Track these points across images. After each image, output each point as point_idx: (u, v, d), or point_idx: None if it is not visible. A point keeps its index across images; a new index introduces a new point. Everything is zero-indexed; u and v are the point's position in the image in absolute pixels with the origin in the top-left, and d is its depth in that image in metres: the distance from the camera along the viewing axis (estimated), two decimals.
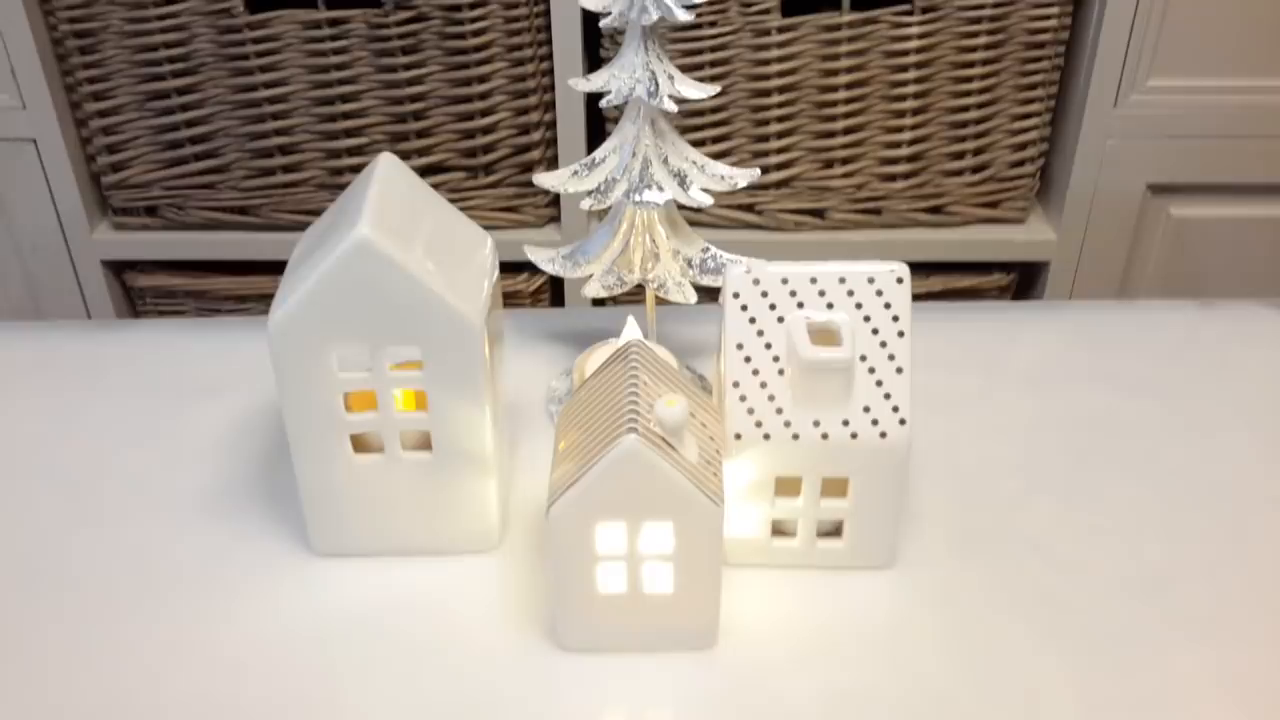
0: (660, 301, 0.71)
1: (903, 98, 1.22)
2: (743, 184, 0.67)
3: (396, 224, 0.55)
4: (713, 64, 1.19)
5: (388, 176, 0.57)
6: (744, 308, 0.57)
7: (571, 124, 1.20)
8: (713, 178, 0.67)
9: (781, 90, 1.21)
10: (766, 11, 1.17)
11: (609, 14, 0.62)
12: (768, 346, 0.57)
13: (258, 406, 0.72)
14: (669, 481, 0.51)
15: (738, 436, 0.57)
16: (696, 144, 1.14)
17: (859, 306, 0.57)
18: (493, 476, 0.60)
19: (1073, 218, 1.27)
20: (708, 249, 0.70)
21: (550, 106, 1.22)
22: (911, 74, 1.21)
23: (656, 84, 0.63)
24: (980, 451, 0.69)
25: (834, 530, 0.61)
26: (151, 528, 0.64)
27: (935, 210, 1.29)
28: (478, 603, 0.60)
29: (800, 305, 0.57)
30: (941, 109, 1.23)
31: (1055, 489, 0.67)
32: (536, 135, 1.23)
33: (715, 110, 1.21)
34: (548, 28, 1.18)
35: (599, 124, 1.23)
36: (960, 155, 1.26)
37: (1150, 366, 0.75)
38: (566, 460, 0.54)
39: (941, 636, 0.59)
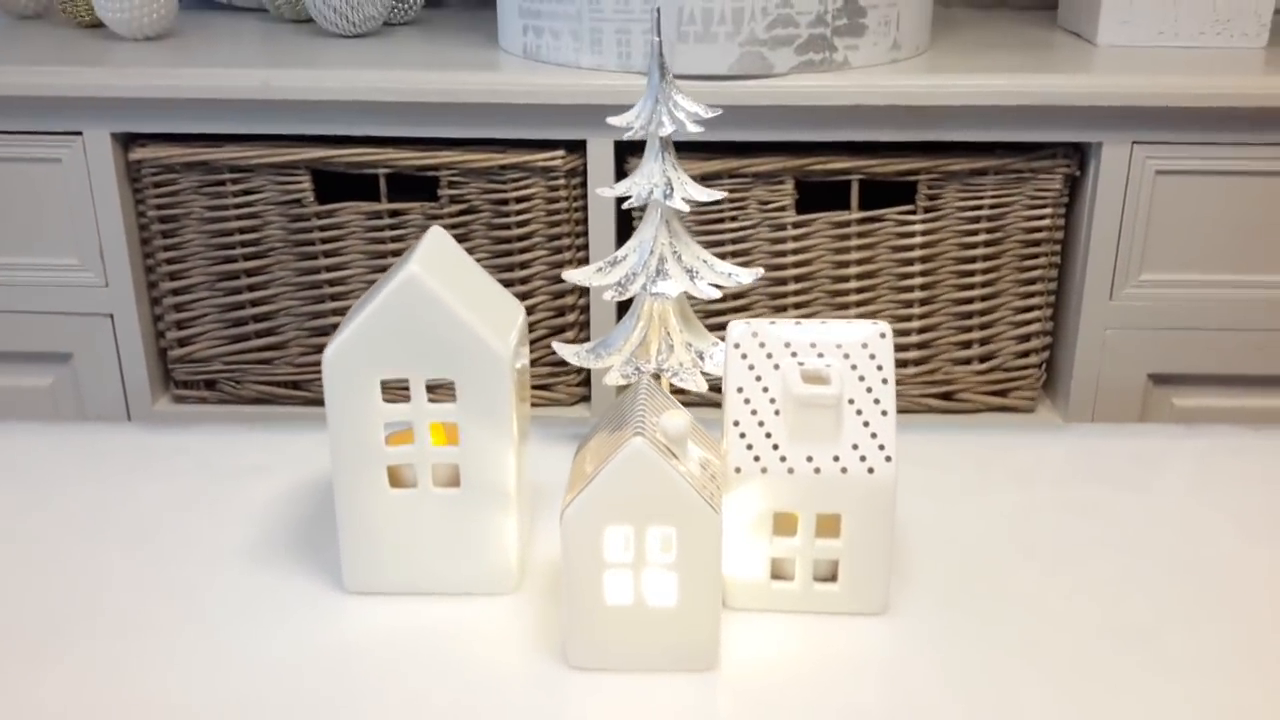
0: (676, 392, 0.78)
1: (910, 289, 1.32)
2: (746, 281, 0.75)
3: (441, 272, 0.63)
4: (734, 254, 1.30)
5: (436, 241, 0.66)
6: (744, 356, 0.64)
7: (604, 309, 1.31)
8: (720, 274, 0.75)
9: (797, 279, 1.31)
10: (783, 209, 1.29)
11: (632, 128, 0.73)
12: (765, 390, 0.64)
13: (302, 482, 0.78)
14: (672, 485, 0.57)
15: (737, 470, 0.62)
16: (718, 326, 1.23)
17: (846, 357, 0.64)
18: (514, 515, 0.65)
19: (1079, 407, 1.34)
20: (717, 343, 0.77)
21: (584, 293, 1.33)
22: (917, 267, 1.31)
23: (671, 188, 0.73)
24: (970, 529, 0.74)
25: (830, 576, 0.65)
26: (194, 571, 0.70)
27: (946, 397, 1.36)
28: (494, 634, 0.64)
29: (794, 354, 0.64)
30: (947, 300, 1.32)
31: (1042, 558, 0.71)
32: (571, 317, 1.33)
33: (737, 296, 1.31)
34: (584, 221, 1.30)
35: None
36: (967, 344, 1.34)
37: (1135, 469, 0.80)
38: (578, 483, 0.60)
39: (937, 674, 0.62)
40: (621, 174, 1.28)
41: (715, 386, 0.74)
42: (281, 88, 1.22)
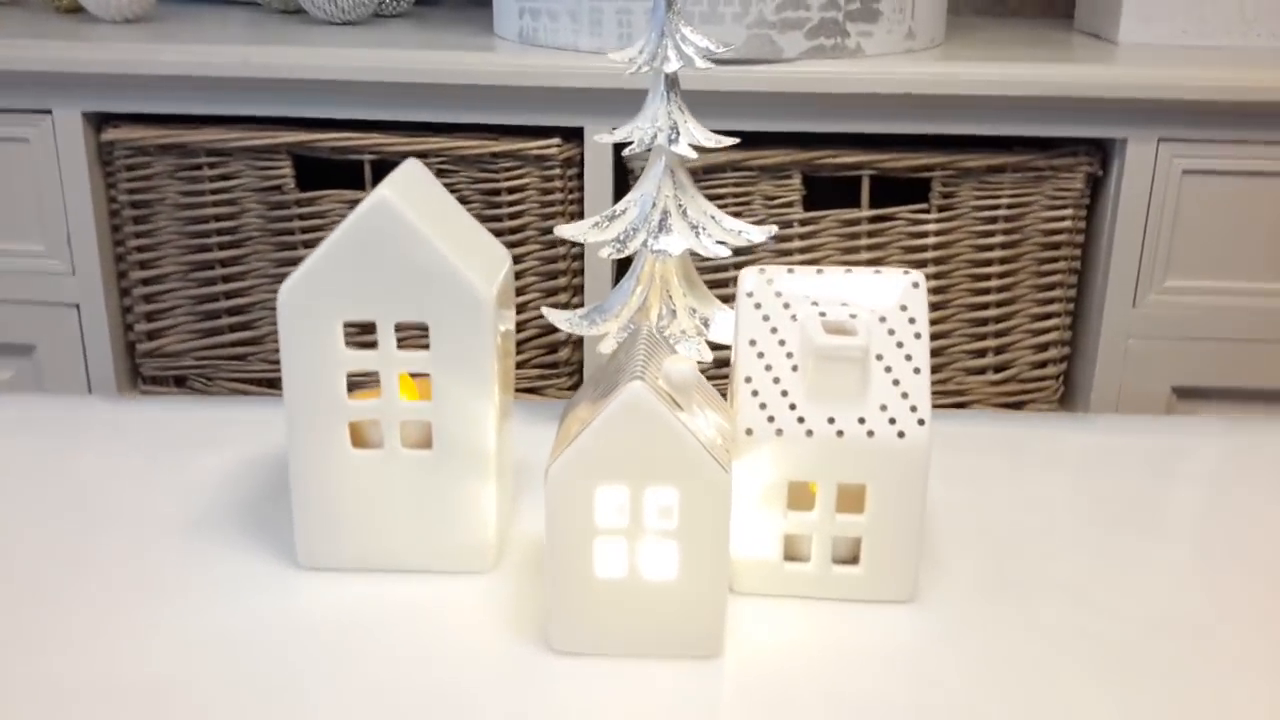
0: None
1: None
2: (758, 239, 0.68)
3: (417, 202, 0.56)
4: (737, 252, 1.23)
5: (412, 171, 0.58)
6: (757, 305, 0.57)
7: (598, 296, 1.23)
8: (729, 231, 0.68)
9: None
10: (789, 204, 1.22)
11: (634, 64, 0.66)
12: (781, 343, 0.56)
13: (258, 455, 0.70)
14: (675, 439, 0.49)
15: (749, 432, 0.55)
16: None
17: (874, 309, 0.57)
18: (493, 481, 0.57)
19: None
20: (724, 309, 0.70)
21: (579, 291, 1.26)
22: (930, 269, 1.24)
23: (677, 132, 0.66)
24: (1008, 515, 0.66)
25: (851, 557, 0.57)
26: (130, 541, 0.62)
27: (959, 408, 1.28)
28: (466, 616, 0.56)
29: (815, 304, 0.57)
30: (961, 305, 1.25)
31: (1085, 546, 0.63)
32: None
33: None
34: (581, 214, 1.23)
35: None
36: (982, 353, 1.27)
37: (1179, 457, 0.73)
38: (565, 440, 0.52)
39: (970, 670, 0.54)
40: (621, 164, 1.21)
41: (721, 362, 0.66)
42: (262, 64, 1.16)
